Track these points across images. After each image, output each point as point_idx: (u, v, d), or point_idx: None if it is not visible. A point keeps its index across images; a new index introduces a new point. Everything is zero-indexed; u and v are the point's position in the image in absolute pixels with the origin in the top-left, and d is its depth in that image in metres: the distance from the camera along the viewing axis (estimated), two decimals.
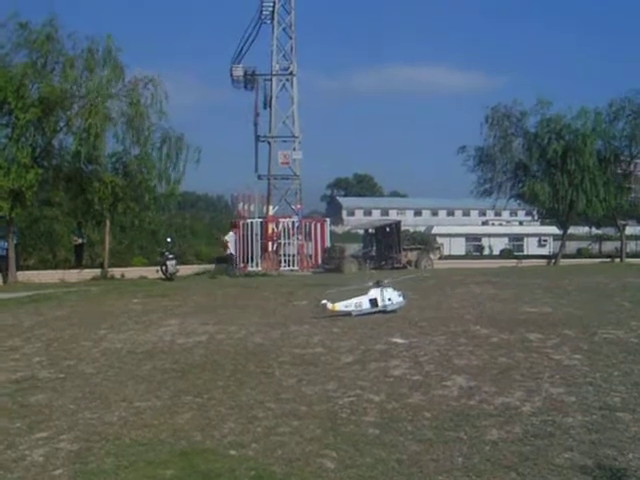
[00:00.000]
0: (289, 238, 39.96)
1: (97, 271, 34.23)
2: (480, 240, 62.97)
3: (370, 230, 45.41)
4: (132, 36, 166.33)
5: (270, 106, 42.91)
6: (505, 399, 8.43)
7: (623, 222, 49.06)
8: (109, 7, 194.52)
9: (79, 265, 34.93)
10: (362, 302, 15.32)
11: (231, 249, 37.88)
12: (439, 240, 52.53)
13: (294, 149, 42.29)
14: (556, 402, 8.27)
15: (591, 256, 50.19)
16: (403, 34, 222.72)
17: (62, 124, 32.28)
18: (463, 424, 7.51)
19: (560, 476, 6.22)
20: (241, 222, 39.70)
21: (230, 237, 38.47)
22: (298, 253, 39.79)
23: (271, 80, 42.92)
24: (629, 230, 53.18)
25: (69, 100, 31.07)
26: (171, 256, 31.79)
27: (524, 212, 75.78)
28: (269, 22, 42.85)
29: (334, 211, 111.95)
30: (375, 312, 15.22)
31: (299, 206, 42.22)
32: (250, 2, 43.54)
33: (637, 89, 44.99)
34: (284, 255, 39.66)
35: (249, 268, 37.88)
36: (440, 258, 44.73)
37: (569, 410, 7.94)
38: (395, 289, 15.85)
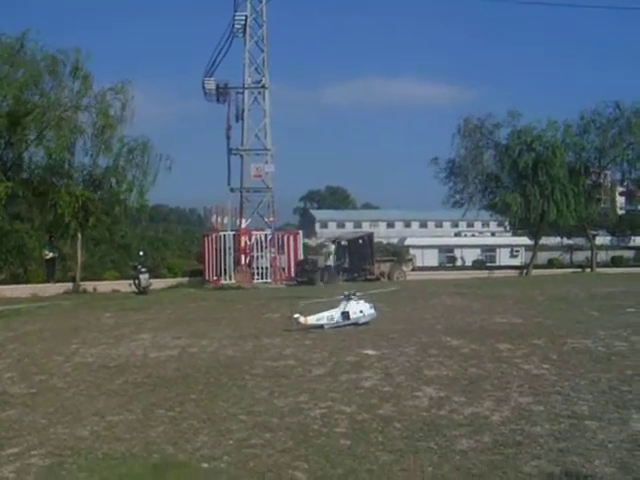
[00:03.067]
0: (262, 251, 39.94)
1: (69, 285, 33.92)
2: (453, 251, 63.38)
3: (343, 242, 45.53)
4: (103, 46, 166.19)
5: (242, 119, 42.86)
6: (475, 409, 8.53)
7: (593, 232, 49.69)
8: (78, 17, 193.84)
9: (51, 279, 34.62)
10: (334, 315, 15.38)
11: (330, 261, 38.56)
12: (412, 252, 52.88)
13: (266, 162, 42.22)
14: (525, 411, 8.37)
15: (562, 266, 50.63)
16: (376, 47, 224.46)
17: (32, 137, 32.12)
18: (433, 434, 7.58)
19: None
20: (214, 235, 39.68)
21: (331, 249, 38.88)
22: (271, 266, 39.77)
23: (243, 93, 42.88)
24: (599, 240, 53.80)
25: (38, 112, 30.93)
26: (144, 269, 31.67)
27: (496, 223, 76.28)
28: (241, 35, 42.81)
29: (307, 223, 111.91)
30: (347, 324, 15.30)
31: (272, 219, 42.18)
32: (223, 15, 43.53)
33: (606, 101, 45.71)
34: (257, 268, 39.64)
35: (222, 281, 37.83)
36: (413, 270, 44.97)
37: (537, 419, 8.04)
38: (366, 301, 15.95)
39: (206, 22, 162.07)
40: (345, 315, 15.44)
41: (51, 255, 34.88)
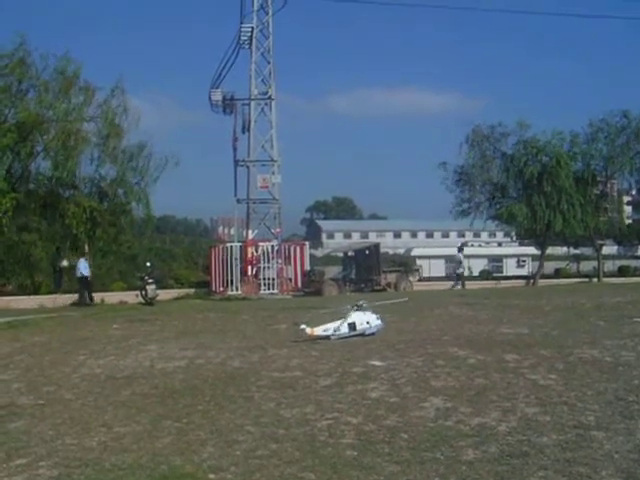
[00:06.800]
0: (269, 262, 40.01)
1: (76, 296, 34.01)
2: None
3: (349, 253, 45.53)
4: (109, 58, 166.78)
5: (249, 130, 43.02)
6: (481, 419, 8.52)
7: (600, 242, 49.49)
8: (83, 27, 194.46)
9: (58, 289, 34.68)
10: (341, 326, 15.38)
11: (463, 268, 40.63)
12: (418, 262, 52.85)
13: (273, 173, 42.39)
14: (531, 422, 8.36)
15: (569, 276, 50.55)
16: (382, 57, 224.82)
17: (39, 149, 32.25)
18: (440, 445, 7.58)
19: None
20: (221, 246, 39.79)
21: (461, 257, 40.44)
22: (278, 277, 39.83)
23: (249, 104, 43.06)
24: (606, 250, 53.63)
25: (45, 124, 31.05)
26: (151, 280, 31.73)
27: (503, 233, 76.17)
28: (247, 47, 43.05)
29: (314, 234, 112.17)
30: (354, 335, 15.29)
31: (278, 230, 42.28)
32: (229, 27, 43.78)
33: (614, 110, 45.69)
34: (264, 279, 39.69)
35: (229, 292, 37.88)
36: (419, 280, 44.95)
37: (544, 429, 8.02)
38: (373, 312, 15.95)
39: (213, 34, 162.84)
40: (352, 326, 15.43)
41: (66, 264, 34.80)
